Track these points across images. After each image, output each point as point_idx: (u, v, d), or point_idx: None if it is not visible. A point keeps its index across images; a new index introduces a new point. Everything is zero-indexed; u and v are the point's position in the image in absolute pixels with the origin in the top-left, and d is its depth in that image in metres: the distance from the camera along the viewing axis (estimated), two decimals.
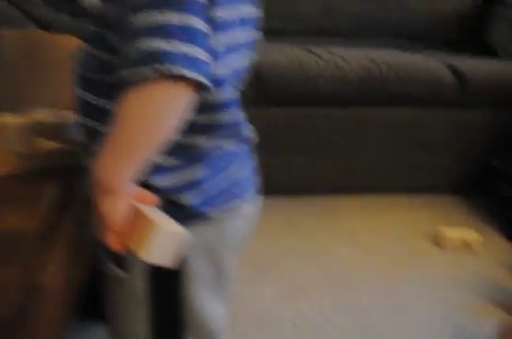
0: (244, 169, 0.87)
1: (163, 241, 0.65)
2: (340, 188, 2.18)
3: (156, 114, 0.64)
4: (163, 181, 0.77)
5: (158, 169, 0.75)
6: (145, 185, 0.72)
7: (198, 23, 0.63)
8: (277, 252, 1.78)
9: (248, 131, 0.87)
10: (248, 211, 0.88)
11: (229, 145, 0.82)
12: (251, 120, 0.84)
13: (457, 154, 2.19)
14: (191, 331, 0.88)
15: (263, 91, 1.93)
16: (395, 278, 1.70)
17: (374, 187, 2.21)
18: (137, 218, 0.66)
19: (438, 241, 1.90)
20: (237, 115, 0.82)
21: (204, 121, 0.76)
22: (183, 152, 0.77)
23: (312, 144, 2.07)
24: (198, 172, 0.78)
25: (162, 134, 0.66)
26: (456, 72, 2.05)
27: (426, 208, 2.15)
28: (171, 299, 0.85)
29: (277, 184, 2.11)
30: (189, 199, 0.78)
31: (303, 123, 2.03)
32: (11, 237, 0.83)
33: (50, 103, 1.09)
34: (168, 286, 0.84)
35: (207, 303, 0.87)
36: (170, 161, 0.76)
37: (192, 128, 0.74)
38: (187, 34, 0.62)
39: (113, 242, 0.68)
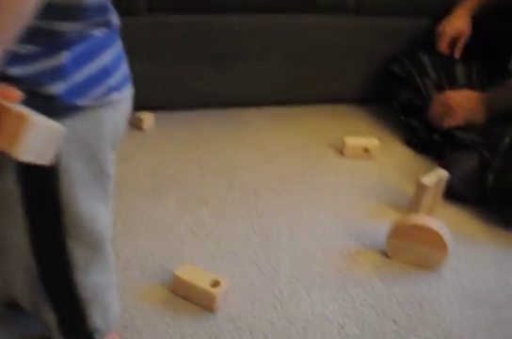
0: (112, 56, 0.81)
1: (37, 137, 0.61)
2: (246, 100, 2.15)
3: None
4: (22, 70, 0.70)
5: (16, 57, 0.68)
6: (2, 77, 0.66)
7: None
8: (181, 164, 1.75)
9: (115, 17, 0.81)
10: (121, 103, 0.83)
11: (95, 32, 0.76)
12: (148, 29, 0.79)
13: (360, 63, 2.21)
14: (71, 235, 0.84)
15: None
16: (297, 185, 1.71)
17: (280, 98, 2.20)
18: (5, 115, 0.60)
19: (340, 149, 1.92)
20: (102, 2, 0.76)
21: (63, 3, 0.70)
22: (41, 38, 0.70)
23: (217, 54, 2.02)
24: (61, 60, 0.73)
25: (19, 13, 0.60)
26: None
27: (331, 118, 2.17)
28: (47, 201, 0.80)
29: (181, 97, 2.07)
30: (54, 88, 0.73)
31: (205, 32, 1.96)
32: None
33: None
34: (42, 187, 0.79)
35: (87, 205, 0.83)
36: (28, 48, 0.70)
37: (50, 11, 0.67)
38: None
39: None
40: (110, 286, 0.96)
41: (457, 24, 2.00)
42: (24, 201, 0.80)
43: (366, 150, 1.91)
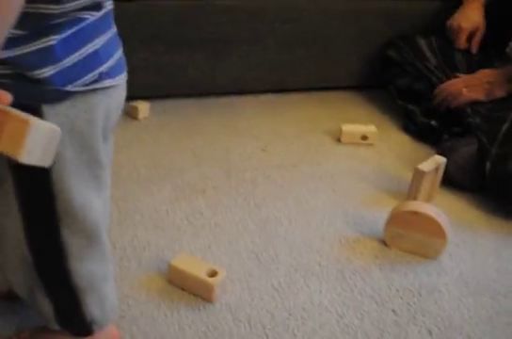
0: (104, 41, 0.78)
1: (39, 140, 0.61)
2: (240, 87, 2.13)
3: None
4: (10, 52, 0.68)
5: (5, 40, 0.65)
6: None
7: None
8: (176, 154, 1.73)
9: (109, 1, 0.78)
10: (116, 88, 0.81)
11: (85, 15, 0.74)
12: (139, 14, 0.77)
13: (357, 48, 2.19)
14: (65, 223, 0.82)
15: None
16: (294, 173, 1.69)
17: (275, 85, 2.18)
18: (5, 119, 0.60)
19: (337, 137, 1.90)
20: None
21: None
22: (28, 21, 0.68)
23: (209, 40, 1.99)
24: (49, 42, 0.70)
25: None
26: None
27: (327, 105, 2.15)
28: (39, 188, 0.79)
29: (175, 84, 2.04)
30: (43, 72, 0.70)
31: (197, 17, 1.93)
32: None
33: None
34: (34, 173, 0.76)
35: (79, 193, 0.81)
36: (16, 32, 0.67)
37: None
38: None
39: None
40: (107, 277, 0.95)
41: (474, 19, 1.97)
42: (17, 189, 0.78)
43: (364, 137, 1.89)
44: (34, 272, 0.87)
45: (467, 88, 1.78)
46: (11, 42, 0.68)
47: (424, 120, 1.91)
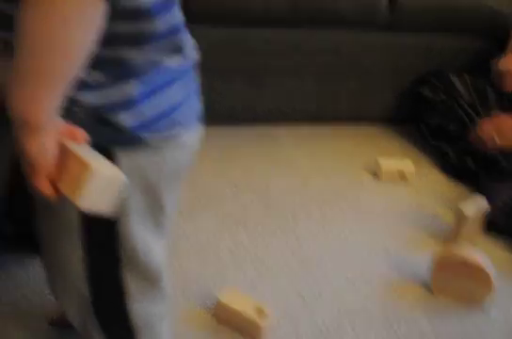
0: (186, 91, 0.77)
1: (99, 186, 0.59)
2: (278, 117, 2.14)
3: (62, 29, 0.54)
4: (90, 98, 0.67)
5: (84, 85, 0.65)
6: (72, 100, 0.63)
7: None
8: (216, 183, 1.73)
9: (191, 47, 0.78)
10: (189, 140, 0.80)
11: (167, 61, 0.72)
12: None
13: (390, 83, 2.20)
14: (128, 268, 0.82)
15: (189, 7, 1.83)
16: (334, 209, 1.69)
17: (311, 116, 2.19)
18: (69, 159, 0.58)
19: (375, 172, 1.90)
20: (173, 24, 0.71)
21: (129, 30, 0.65)
22: (109, 66, 0.67)
23: (249, 69, 2.00)
24: (131, 90, 0.69)
25: (76, 52, 0.57)
26: None
27: (363, 139, 2.15)
28: (106, 234, 0.78)
29: (214, 111, 2.04)
30: (123, 119, 0.69)
31: (238, 46, 1.95)
32: None
33: None
34: (101, 220, 0.76)
35: (142, 237, 0.81)
36: (96, 77, 0.66)
37: (116, 39, 0.64)
38: None
39: (43, 187, 0.60)
40: (164, 316, 0.95)
41: None
42: (82, 230, 0.78)
43: (401, 173, 1.89)
44: (91, 308, 0.87)
45: (498, 133, 1.78)
46: (90, 85, 0.67)
47: (460, 161, 1.91)
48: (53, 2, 0.53)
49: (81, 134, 0.61)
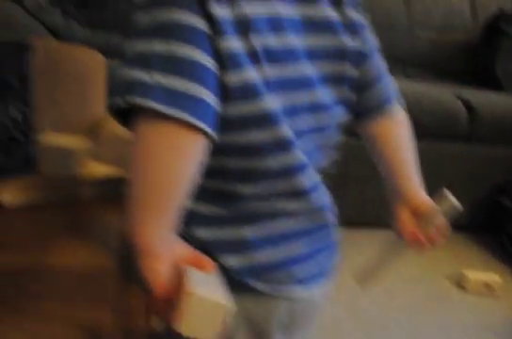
0: (307, 245, 0.71)
1: (200, 314, 0.57)
2: (356, 220, 2.13)
3: (158, 160, 0.56)
4: (207, 233, 0.67)
5: (201, 218, 0.66)
6: (183, 236, 0.62)
7: (187, 52, 0.55)
8: None
9: (322, 195, 0.75)
10: (304, 297, 0.73)
11: (280, 204, 0.68)
12: None
13: (467, 190, 2.18)
14: None
15: None
16: (420, 321, 1.64)
17: (389, 221, 2.16)
18: (180, 286, 0.57)
19: (460, 284, 1.85)
20: (292, 162, 0.67)
21: (241, 166, 0.65)
22: (222, 198, 0.66)
23: (327, 174, 2.01)
24: (245, 231, 0.67)
25: (178, 181, 0.57)
26: (467, 106, 2.10)
27: (443, 246, 2.10)
28: None
29: None
30: (230, 261, 0.67)
31: None
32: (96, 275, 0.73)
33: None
34: None
35: None
36: (211, 208, 0.66)
37: (227, 173, 0.65)
38: (172, 64, 0.55)
39: (157, 309, 0.59)
40: None
41: None
42: None
43: (488, 285, 1.83)
44: None
45: None
46: (209, 221, 0.67)
47: None
48: (158, 134, 0.55)
49: (208, 263, 0.59)
